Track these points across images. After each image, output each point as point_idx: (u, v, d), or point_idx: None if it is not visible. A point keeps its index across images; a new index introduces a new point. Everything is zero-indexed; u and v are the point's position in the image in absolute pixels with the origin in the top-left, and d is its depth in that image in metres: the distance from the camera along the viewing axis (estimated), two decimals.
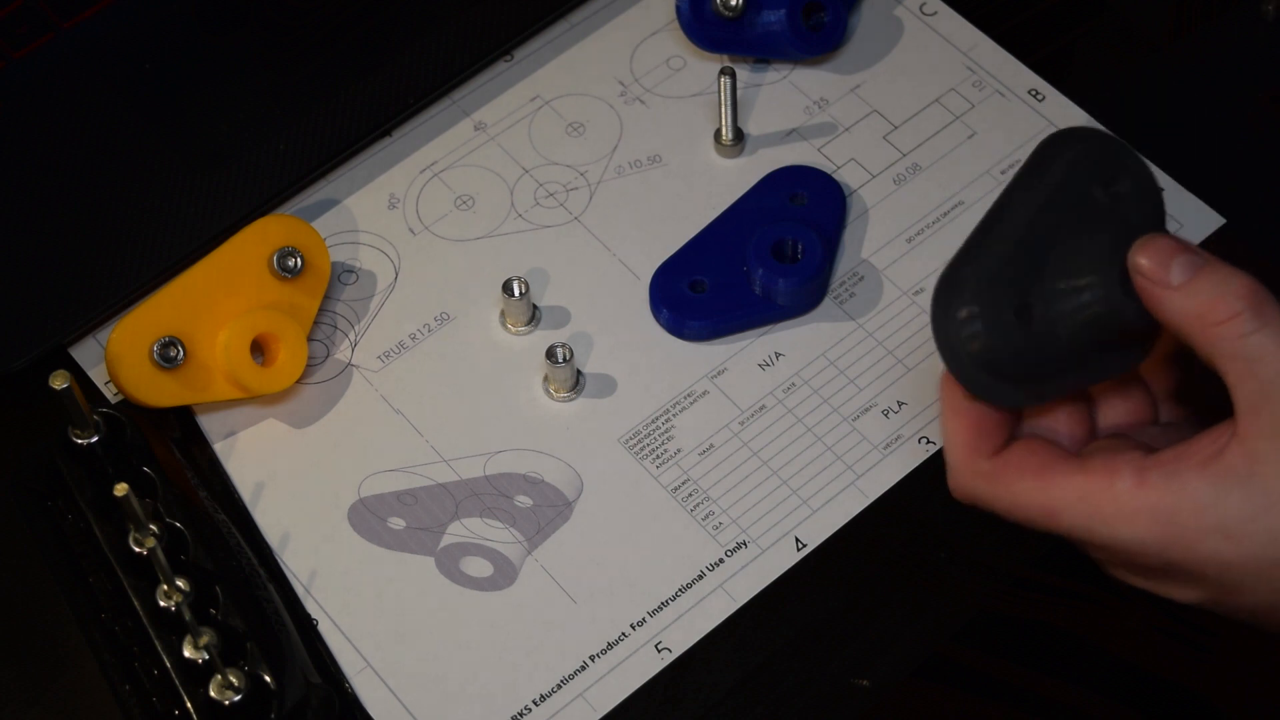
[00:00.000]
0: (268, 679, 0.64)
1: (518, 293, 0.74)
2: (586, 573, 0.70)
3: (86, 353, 0.75)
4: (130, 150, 0.78)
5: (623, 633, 0.68)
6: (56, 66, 0.80)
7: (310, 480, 0.72)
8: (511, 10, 0.81)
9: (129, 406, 0.71)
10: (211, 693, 0.63)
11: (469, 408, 0.74)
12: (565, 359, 0.72)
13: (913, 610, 0.69)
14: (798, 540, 0.70)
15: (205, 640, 0.63)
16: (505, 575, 0.70)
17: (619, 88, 0.82)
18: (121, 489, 0.63)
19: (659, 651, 0.68)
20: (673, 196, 0.78)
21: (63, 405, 0.67)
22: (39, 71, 0.80)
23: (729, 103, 0.77)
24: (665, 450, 0.72)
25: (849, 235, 0.77)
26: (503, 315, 0.75)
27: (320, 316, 0.76)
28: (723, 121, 0.78)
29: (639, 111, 0.81)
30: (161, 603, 0.64)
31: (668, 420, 0.73)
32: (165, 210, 0.76)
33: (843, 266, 0.76)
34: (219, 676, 0.63)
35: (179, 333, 0.71)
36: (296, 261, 0.73)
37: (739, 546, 0.70)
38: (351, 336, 0.76)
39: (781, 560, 0.70)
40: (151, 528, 0.66)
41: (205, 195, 0.77)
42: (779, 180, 0.77)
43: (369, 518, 0.71)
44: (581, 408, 0.73)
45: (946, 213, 0.77)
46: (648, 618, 0.69)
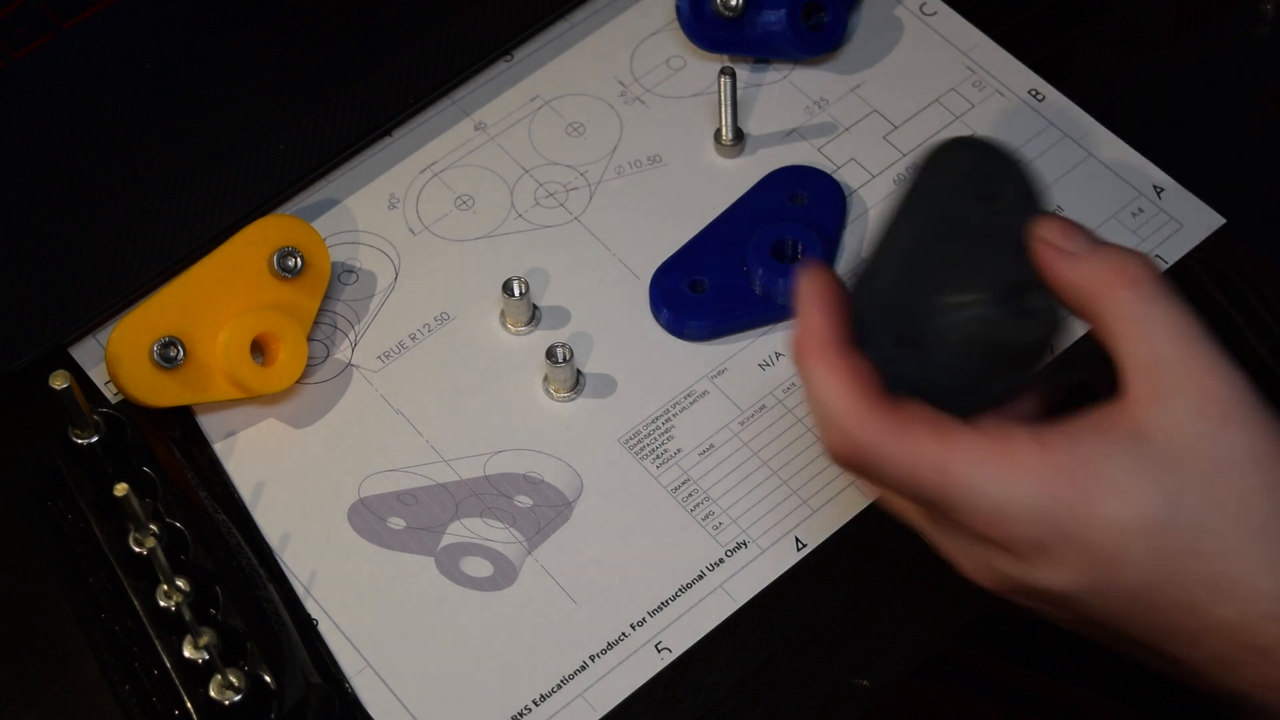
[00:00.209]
0: (268, 679, 0.64)
1: (518, 293, 0.74)
2: (586, 573, 0.70)
3: (86, 353, 0.75)
4: (130, 150, 0.78)
5: (623, 633, 0.68)
6: (56, 66, 0.80)
7: (310, 480, 0.72)
8: (511, 10, 0.81)
9: (129, 406, 0.71)
10: (211, 693, 0.63)
11: (469, 408, 0.73)
12: (565, 359, 0.72)
13: (913, 610, 0.69)
14: (798, 540, 0.70)
15: (205, 640, 0.63)
16: (505, 575, 0.70)
17: (619, 88, 0.81)
18: (121, 489, 0.63)
19: (659, 651, 0.68)
20: (673, 196, 0.78)
21: (63, 405, 0.67)
22: (39, 71, 0.80)
23: (729, 103, 0.77)
24: (665, 450, 0.72)
25: (849, 235, 0.77)
26: (503, 315, 0.75)
27: (320, 316, 0.76)
28: (723, 121, 0.78)
29: (639, 111, 0.81)
30: (161, 603, 0.64)
31: (668, 420, 0.73)
32: (165, 210, 0.76)
33: (843, 266, 0.76)
34: (219, 676, 0.63)
35: (179, 333, 0.71)
36: (296, 261, 0.73)
37: (739, 546, 0.70)
38: (351, 336, 0.76)
39: (781, 560, 0.70)
40: (151, 528, 0.66)
41: (205, 195, 0.77)
42: (779, 180, 0.77)
43: (369, 518, 0.71)
44: (581, 408, 0.73)
45: None
46: (648, 618, 0.69)
